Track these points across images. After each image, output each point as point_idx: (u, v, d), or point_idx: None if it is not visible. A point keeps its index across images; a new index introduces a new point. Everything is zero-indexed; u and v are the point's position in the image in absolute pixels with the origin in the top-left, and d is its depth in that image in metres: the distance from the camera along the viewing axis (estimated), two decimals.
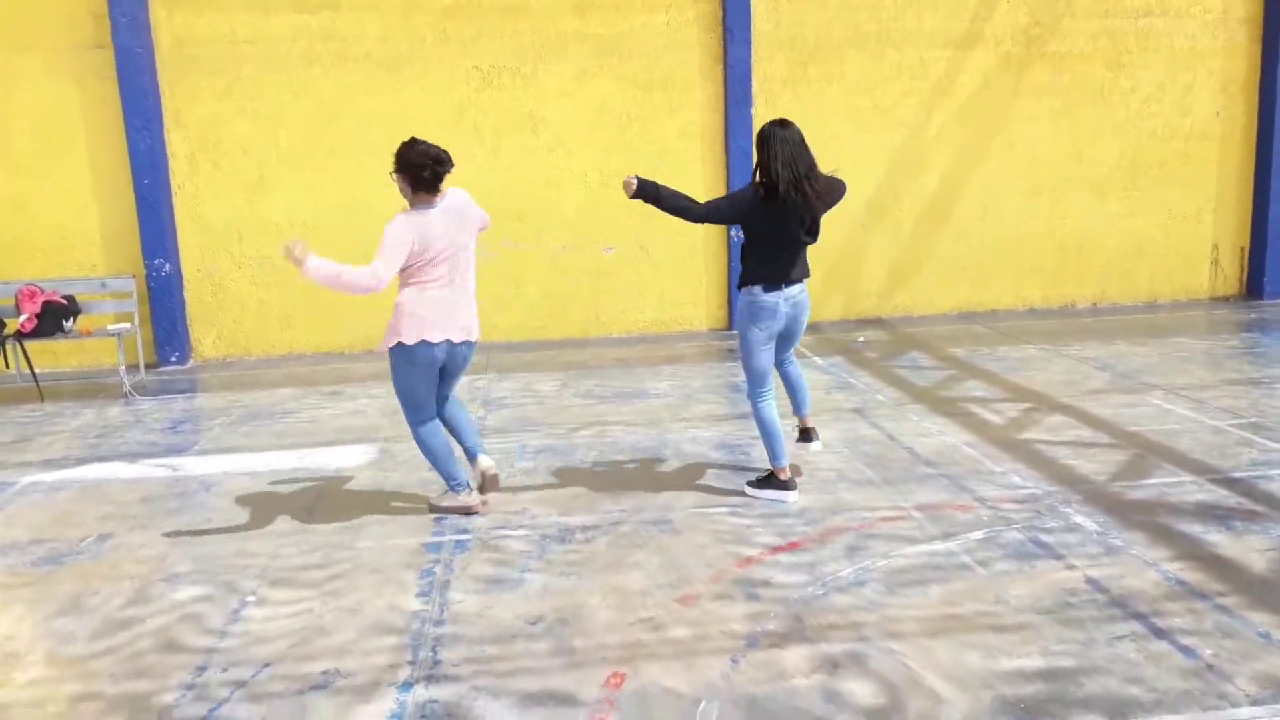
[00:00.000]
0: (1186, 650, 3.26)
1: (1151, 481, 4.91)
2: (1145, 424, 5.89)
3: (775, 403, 4.84)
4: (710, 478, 5.23)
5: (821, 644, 3.40)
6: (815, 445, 5.29)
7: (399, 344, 4.44)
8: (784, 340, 4.90)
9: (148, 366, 8.81)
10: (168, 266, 8.76)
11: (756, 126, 9.28)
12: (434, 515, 4.79)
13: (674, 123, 9.35)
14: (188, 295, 9.04)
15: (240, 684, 3.30)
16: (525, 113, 9.18)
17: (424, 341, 4.42)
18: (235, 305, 9.15)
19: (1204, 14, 9.79)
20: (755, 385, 4.79)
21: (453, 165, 4.42)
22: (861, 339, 9.01)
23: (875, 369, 7.76)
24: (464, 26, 8.99)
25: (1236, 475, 4.93)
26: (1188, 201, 10.12)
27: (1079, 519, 4.45)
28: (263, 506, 5.07)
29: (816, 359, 8.22)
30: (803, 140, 4.53)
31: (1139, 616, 3.51)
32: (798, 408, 5.26)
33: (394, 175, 4.42)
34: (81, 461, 6.06)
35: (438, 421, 4.74)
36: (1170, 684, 3.07)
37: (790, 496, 4.76)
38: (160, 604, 3.95)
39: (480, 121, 9.12)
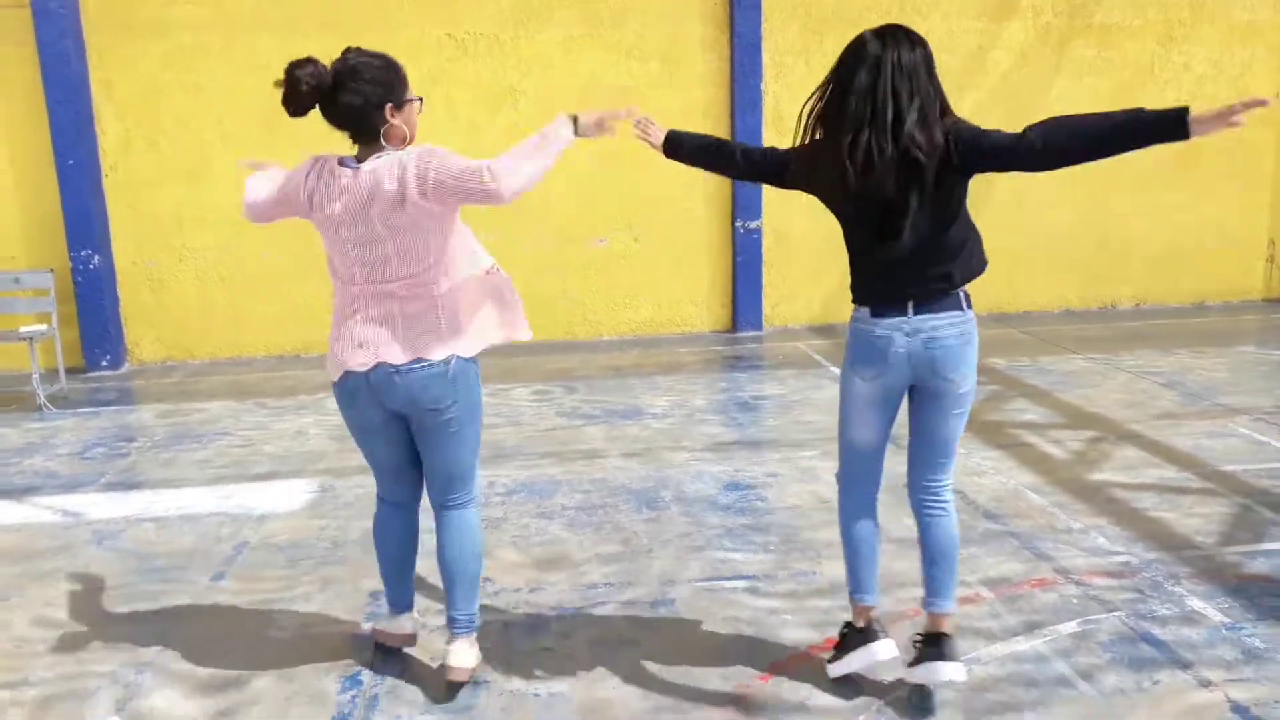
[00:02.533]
0: None
1: (1273, 546, 3.94)
2: (1239, 461, 4.91)
3: (874, 517, 3.00)
4: (720, 533, 4.23)
5: None
6: (945, 672, 2.79)
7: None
8: (917, 419, 2.87)
9: (75, 371, 7.77)
10: (97, 258, 7.70)
11: (767, 103, 8.32)
12: (370, 593, 3.77)
13: (674, 98, 8.29)
14: (121, 291, 7.99)
15: None
16: (505, 86, 8.13)
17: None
18: (177, 303, 8.10)
19: None
20: (842, 471, 3.02)
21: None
22: None
23: None
24: None
25: None
26: (1242, 193, 9.13)
27: (1196, 603, 3.46)
28: (163, 569, 4.05)
29: (833, 367, 7.23)
30: (913, 69, 2.59)
31: None
32: (930, 588, 2.91)
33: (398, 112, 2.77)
34: None
35: (389, 511, 3.12)
36: None
37: (880, 650, 2.90)
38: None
39: (454, 95, 8.07)
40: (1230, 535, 4.04)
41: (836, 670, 2.97)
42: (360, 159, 2.76)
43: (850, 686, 2.98)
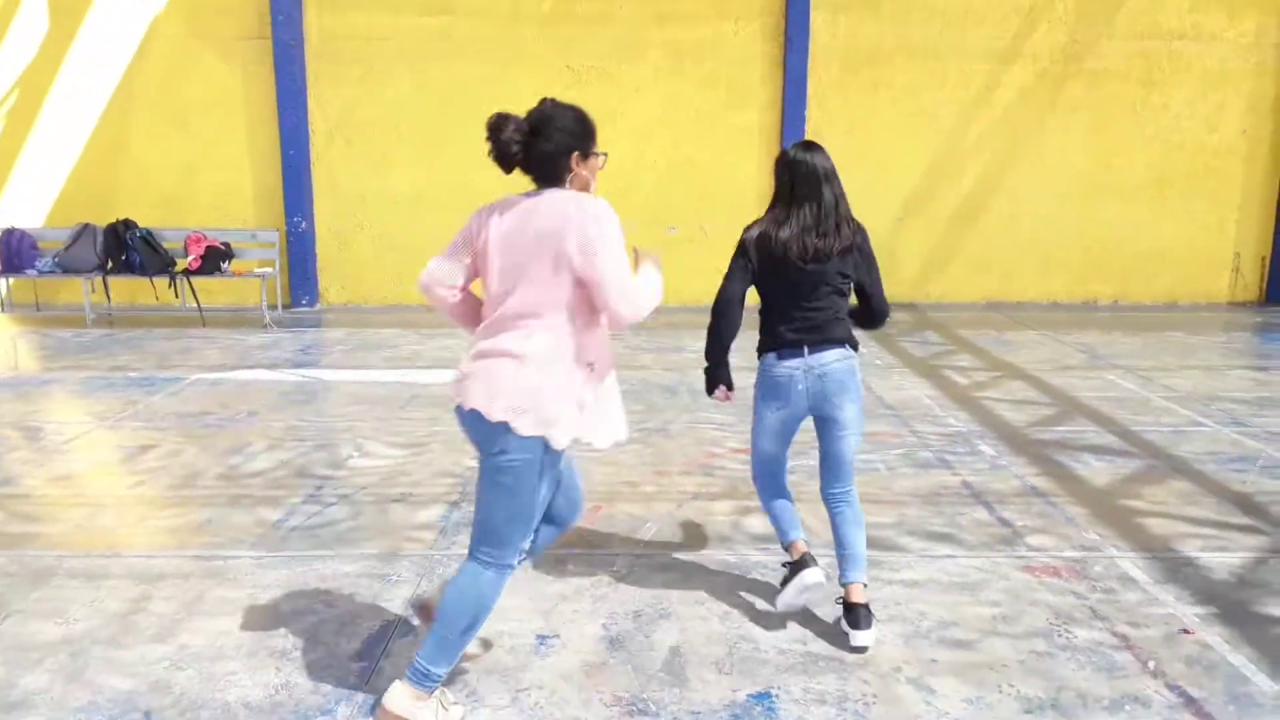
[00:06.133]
0: (1004, 521, 4.53)
1: (1060, 428, 6.09)
2: (1088, 392, 7.00)
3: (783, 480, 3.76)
4: (709, 407, 6.60)
5: (743, 501, 4.78)
6: (864, 636, 3.34)
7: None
8: (823, 438, 3.56)
9: (283, 306, 10.64)
10: (304, 224, 10.56)
11: (810, 126, 10.60)
12: None
13: (736, 120, 10.67)
14: (319, 249, 10.84)
15: (344, 496, 4.87)
16: (609, 107, 10.62)
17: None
18: (358, 261, 10.90)
19: (1238, 38, 10.57)
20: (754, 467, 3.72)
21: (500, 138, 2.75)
22: None
23: (886, 342, 8.98)
24: (560, 31, 10.50)
25: (1135, 429, 6.06)
26: (1211, 211, 10.93)
27: (984, 447, 5.68)
28: (371, 401, 6.69)
29: None
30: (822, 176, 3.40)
31: (986, 504, 4.77)
32: (841, 568, 3.50)
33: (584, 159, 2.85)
34: (234, 368, 7.81)
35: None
36: (977, 536, 4.35)
37: (809, 576, 3.50)
38: (294, 453, 5.58)
39: None
40: (1037, 423, 6.21)
41: (780, 604, 3.57)
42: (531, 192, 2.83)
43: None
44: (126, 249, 9.74)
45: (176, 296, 9.75)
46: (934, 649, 3.40)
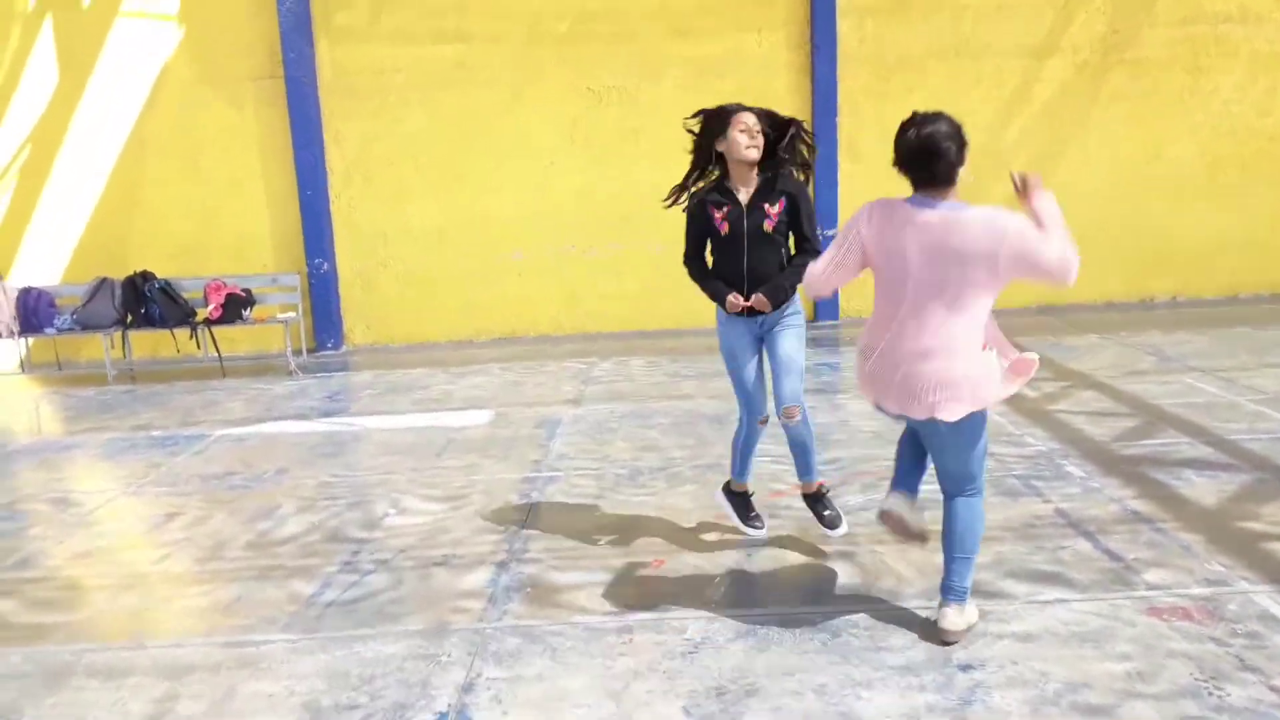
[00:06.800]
0: (1112, 554, 4.06)
1: (1148, 442, 5.61)
2: (1168, 399, 6.51)
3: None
4: (765, 440, 6.16)
5: (820, 545, 4.34)
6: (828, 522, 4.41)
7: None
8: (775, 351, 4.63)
9: (308, 351, 10.32)
10: (326, 265, 10.25)
11: (841, 136, 10.19)
12: (534, 459, 5.92)
13: None
14: (342, 291, 10.52)
15: (383, 562, 4.48)
16: (630, 127, 10.29)
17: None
18: (381, 300, 10.58)
19: None
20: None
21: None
22: None
23: None
24: (578, 50, 10.17)
25: (1230, 438, 5.57)
26: (1271, 199, 10.39)
27: (1070, 469, 5.21)
28: (404, 450, 6.31)
29: None
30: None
31: (1087, 534, 4.31)
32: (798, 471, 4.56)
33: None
34: (260, 421, 7.47)
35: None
36: (1086, 574, 3.89)
37: (753, 533, 4.54)
38: (326, 513, 5.20)
39: (591, 135, 10.28)
40: (1122, 437, 5.73)
41: (718, 499, 4.63)
42: (928, 201, 3.24)
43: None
44: (145, 301, 9.46)
45: (199, 347, 9.46)
46: (1067, 717, 2.95)
